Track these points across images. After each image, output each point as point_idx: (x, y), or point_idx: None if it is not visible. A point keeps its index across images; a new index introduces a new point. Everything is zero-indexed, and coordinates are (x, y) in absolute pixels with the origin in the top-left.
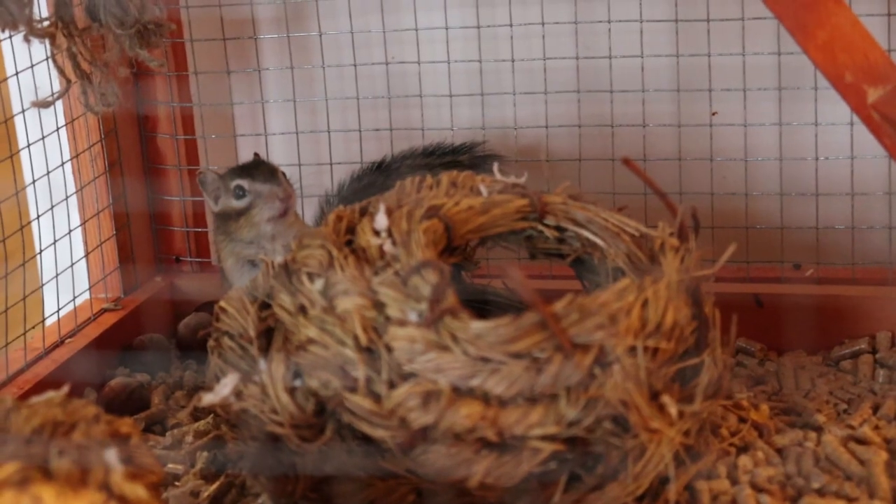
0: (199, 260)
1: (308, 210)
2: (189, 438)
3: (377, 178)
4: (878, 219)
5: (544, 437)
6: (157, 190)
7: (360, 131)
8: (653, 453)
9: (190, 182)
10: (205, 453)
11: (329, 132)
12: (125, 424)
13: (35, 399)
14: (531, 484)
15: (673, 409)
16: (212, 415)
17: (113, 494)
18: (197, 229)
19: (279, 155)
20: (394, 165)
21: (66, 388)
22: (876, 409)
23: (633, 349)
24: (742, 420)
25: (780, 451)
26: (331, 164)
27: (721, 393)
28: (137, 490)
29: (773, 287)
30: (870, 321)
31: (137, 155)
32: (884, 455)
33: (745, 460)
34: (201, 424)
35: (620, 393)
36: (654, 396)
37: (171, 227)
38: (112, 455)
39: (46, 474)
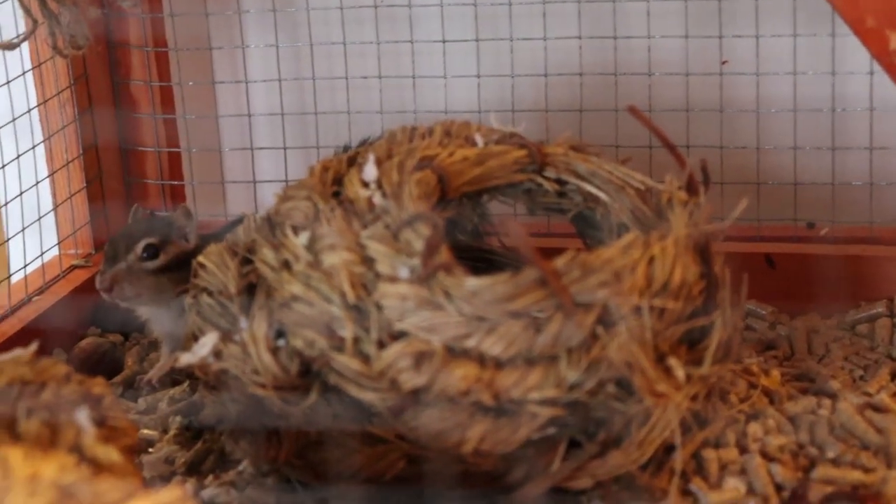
0: None
1: (291, 161)
2: (163, 405)
3: None
4: None
5: (543, 401)
6: (130, 140)
7: (346, 79)
8: (658, 419)
9: (165, 132)
10: (179, 418)
11: (314, 80)
12: (97, 384)
13: (1, 357)
14: (529, 451)
15: (680, 373)
16: (189, 376)
17: (84, 457)
18: (172, 182)
19: (260, 104)
20: None
21: (34, 346)
22: (894, 375)
23: (638, 309)
24: (752, 386)
25: (792, 418)
26: (315, 114)
27: (731, 356)
28: (110, 453)
29: (786, 246)
30: (888, 283)
31: (109, 102)
32: None
33: (755, 428)
34: (177, 391)
35: (625, 354)
36: (661, 359)
37: (145, 179)
38: (83, 416)
39: (14, 435)
